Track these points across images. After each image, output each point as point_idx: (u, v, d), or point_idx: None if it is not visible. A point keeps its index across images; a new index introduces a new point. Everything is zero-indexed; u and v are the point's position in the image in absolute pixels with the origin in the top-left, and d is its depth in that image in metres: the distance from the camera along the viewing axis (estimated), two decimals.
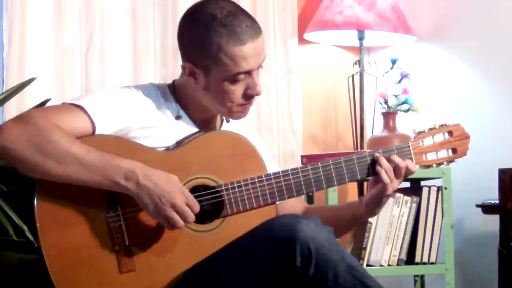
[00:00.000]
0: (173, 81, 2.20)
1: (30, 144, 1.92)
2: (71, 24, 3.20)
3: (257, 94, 2.10)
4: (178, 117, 2.13)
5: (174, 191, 1.93)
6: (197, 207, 1.97)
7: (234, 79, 2.06)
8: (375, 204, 2.13)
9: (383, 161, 2.08)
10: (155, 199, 1.93)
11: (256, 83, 2.08)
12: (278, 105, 3.57)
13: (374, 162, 2.10)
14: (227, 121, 2.24)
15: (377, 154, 2.10)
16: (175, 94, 2.16)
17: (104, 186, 1.95)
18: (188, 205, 1.95)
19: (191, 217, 1.95)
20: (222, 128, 2.22)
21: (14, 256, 2.30)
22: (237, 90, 2.08)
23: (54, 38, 3.17)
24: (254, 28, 2.06)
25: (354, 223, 2.24)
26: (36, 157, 1.92)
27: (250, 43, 2.04)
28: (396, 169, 2.08)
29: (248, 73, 2.07)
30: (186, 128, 2.12)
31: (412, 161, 2.12)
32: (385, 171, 2.07)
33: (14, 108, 3.00)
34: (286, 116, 3.58)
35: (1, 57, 3.12)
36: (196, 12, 2.08)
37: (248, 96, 2.09)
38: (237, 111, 2.12)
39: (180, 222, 1.94)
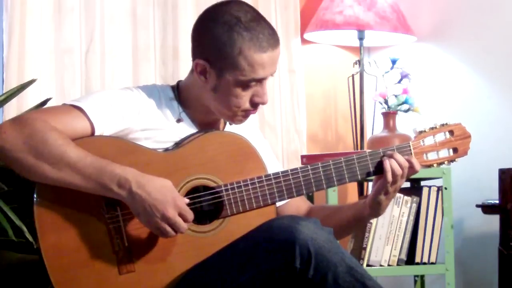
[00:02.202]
0: (178, 82, 2.20)
1: (26, 146, 1.92)
2: (71, 24, 3.19)
3: (264, 103, 2.09)
4: (179, 120, 2.12)
5: (166, 201, 1.92)
6: (190, 216, 1.96)
7: (246, 85, 2.05)
8: (376, 204, 2.13)
9: (395, 164, 2.07)
10: (146, 209, 1.92)
11: (265, 92, 2.08)
12: (282, 104, 3.56)
13: (375, 163, 2.10)
14: (230, 124, 2.25)
15: (390, 152, 2.09)
16: (179, 95, 2.16)
17: (97, 192, 1.94)
18: (180, 214, 1.94)
19: (183, 227, 1.94)
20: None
21: (14, 256, 2.30)
22: (246, 96, 2.07)
23: (54, 38, 3.17)
24: (275, 37, 2.07)
25: (357, 224, 2.24)
26: (31, 159, 1.92)
27: (270, 52, 2.05)
28: (401, 168, 2.08)
29: (260, 81, 2.06)
30: (187, 131, 2.12)
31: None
32: (390, 171, 2.06)
33: (14, 108, 2.99)
34: (290, 115, 3.58)
35: (1, 57, 3.11)
36: (220, 12, 2.06)
37: (255, 104, 2.09)
38: (240, 116, 2.11)
39: (171, 233, 1.94)
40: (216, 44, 2.03)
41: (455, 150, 2.18)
